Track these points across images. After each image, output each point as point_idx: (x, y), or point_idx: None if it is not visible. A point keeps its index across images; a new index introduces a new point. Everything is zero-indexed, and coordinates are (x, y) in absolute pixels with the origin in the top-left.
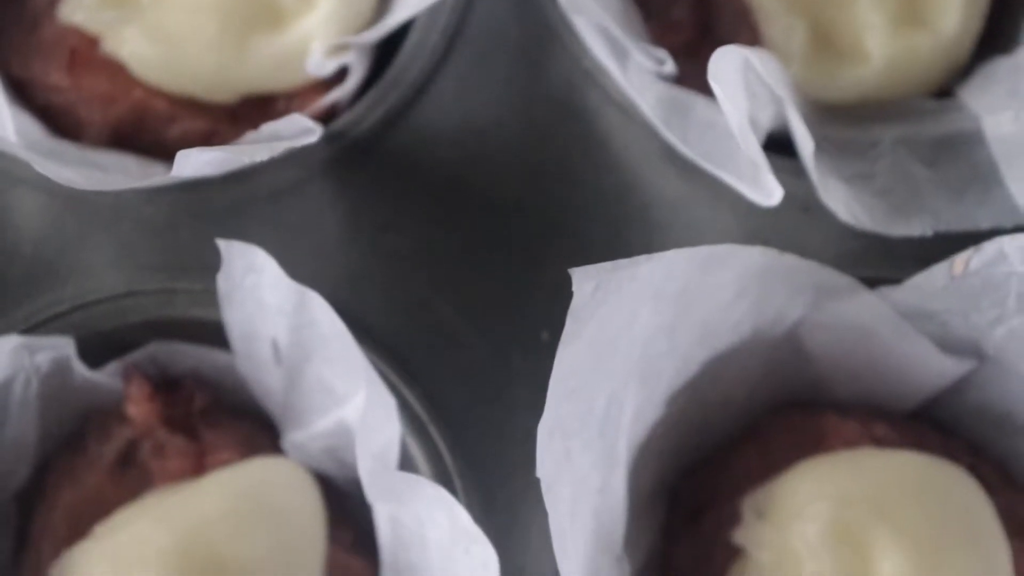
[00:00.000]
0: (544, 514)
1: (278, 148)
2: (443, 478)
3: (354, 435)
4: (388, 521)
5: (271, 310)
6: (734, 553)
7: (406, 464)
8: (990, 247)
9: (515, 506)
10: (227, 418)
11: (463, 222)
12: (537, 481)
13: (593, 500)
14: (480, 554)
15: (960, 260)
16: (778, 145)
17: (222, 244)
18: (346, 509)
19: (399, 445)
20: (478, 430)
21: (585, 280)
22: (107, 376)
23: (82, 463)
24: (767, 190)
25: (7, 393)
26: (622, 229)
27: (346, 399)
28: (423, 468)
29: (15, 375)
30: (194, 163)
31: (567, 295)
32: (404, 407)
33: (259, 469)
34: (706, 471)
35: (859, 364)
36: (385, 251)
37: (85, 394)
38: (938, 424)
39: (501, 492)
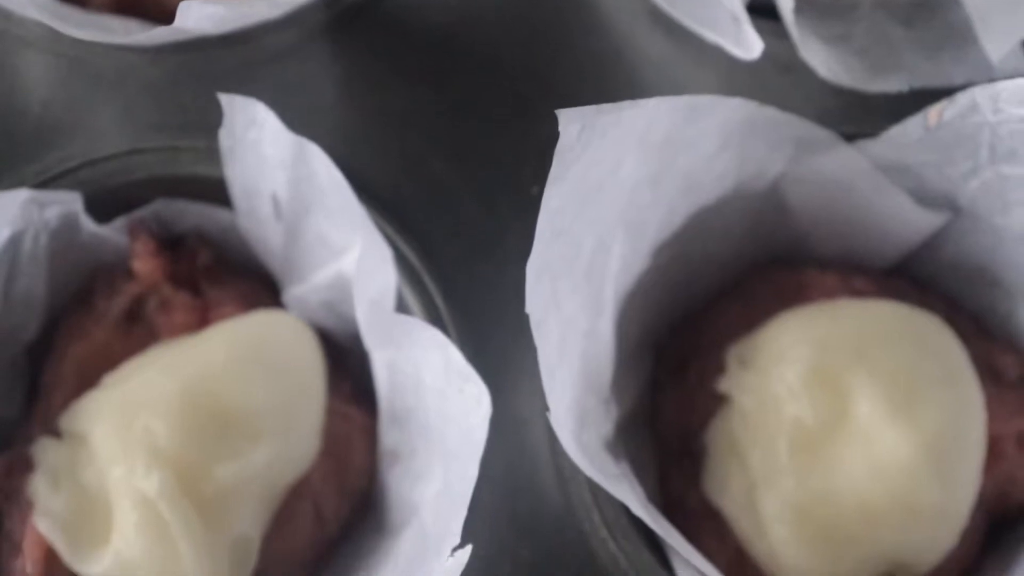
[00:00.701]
0: (534, 361)
1: (278, 7)
2: (437, 326)
3: (352, 287)
4: (385, 367)
5: (271, 163)
6: (718, 401)
7: (402, 313)
8: (963, 97)
9: (506, 353)
10: (229, 275)
11: (456, 82)
12: (527, 329)
13: (580, 342)
14: (473, 393)
15: (934, 111)
16: (761, 9)
17: (224, 98)
18: (345, 363)
19: (395, 293)
20: (471, 281)
21: (571, 122)
22: (113, 232)
23: (90, 318)
24: (747, 44)
25: (17, 247)
26: (610, 89)
27: (344, 251)
28: (418, 317)
29: (25, 229)
30: (196, 16)
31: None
32: (399, 258)
33: (260, 320)
34: (691, 325)
35: (839, 219)
36: (381, 110)
37: (92, 250)
38: (915, 280)
39: (493, 340)
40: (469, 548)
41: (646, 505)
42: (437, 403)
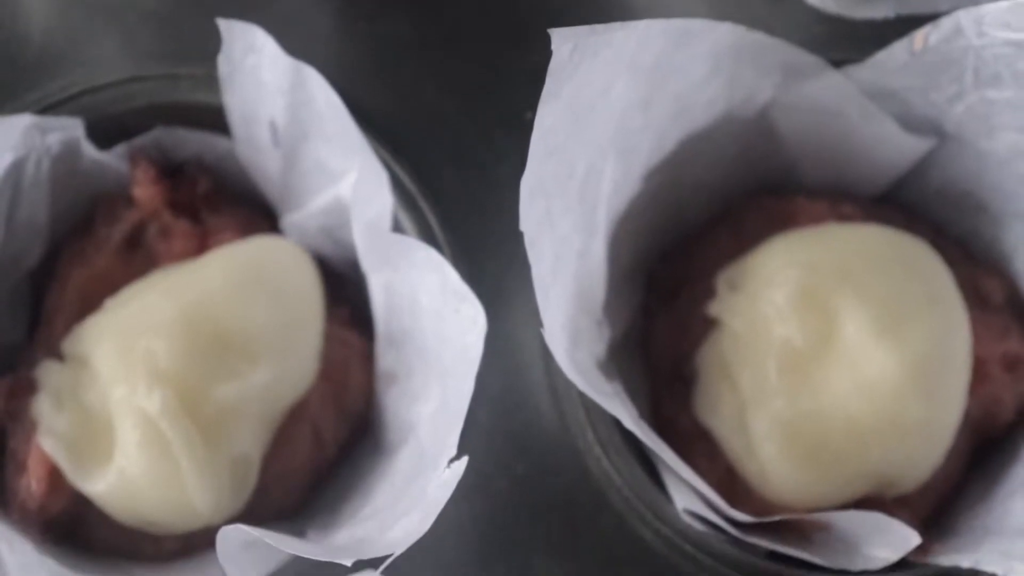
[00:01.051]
0: (529, 284)
1: None
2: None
3: (349, 211)
4: (382, 290)
5: (269, 89)
6: (709, 325)
7: None
8: (947, 21)
9: (502, 276)
10: (228, 204)
11: (451, 10)
12: (522, 253)
13: (573, 262)
14: (469, 312)
15: (919, 36)
16: None
17: (222, 24)
18: (343, 290)
19: (391, 217)
20: (466, 205)
21: (563, 41)
22: (114, 158)
23: (91, 245)
24: None
25: (20, 172)
26: (603, 18)
27: (341, 176)
28: None
29: (27, 155)
30: None
31: None
32: (396, 183)
33: (259, 245)
34: (682, 252)
35: (827, 146)
36: (377, 39)
37: (94, 178)
38: (902, 207)
39: (488, 263)
40: (465, 460)
41: (638, 421)
42: (433, 324)
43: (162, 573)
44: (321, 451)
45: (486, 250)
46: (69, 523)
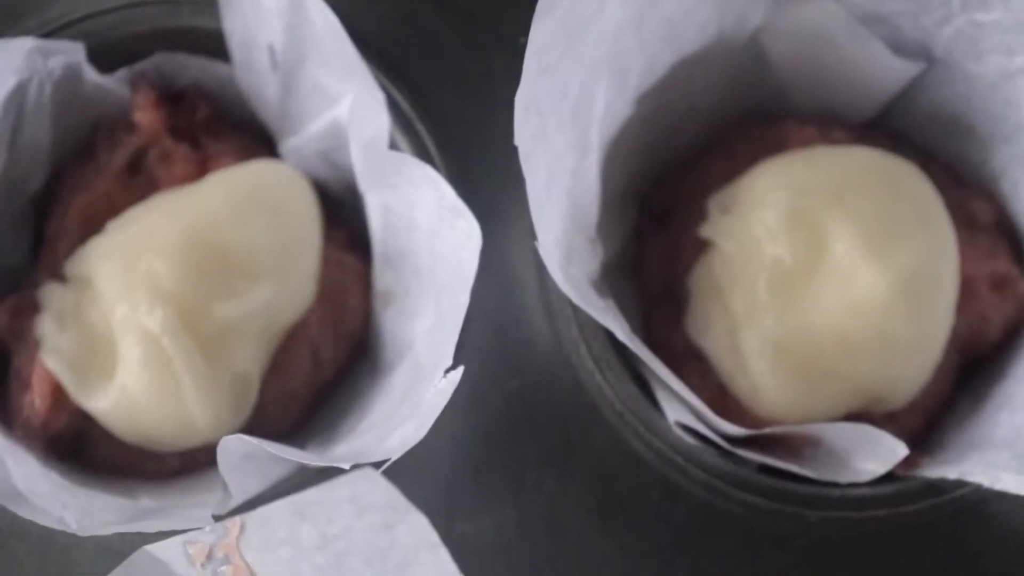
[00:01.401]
0: (524, 204)
1: None
2: None
3: (347, 134)
4: (379, 210)
5: (268, 12)
6: (700, 247)
7: None
8: None
9: (497, 196)
10: (228, 130)
11: None
12: (518, 173)
13: (567, 180)
14: (464, 227)
15: None
16: None
17: None
18: (341, 214)
19: (388, 138)
20: (462, 128)
21: None
22: (115, 83)
23: (93, 170)
24: None
25: (23, 96)
26: None
27: (339, 99)
28: None
29: (30, 78)
30: None
31: None
32: (393, 106)
33: (258, 168)
34: (674, 178)
35: (817, 71)
36: None
37: (95, 102)
38: (891, 133)
39: (484, 184)
40: (461, 369)
41: (631, 335)
42: (429, 241)
43: (163, 491)
44: (319, 371)
45: (482, 171)
46: (72, 440)
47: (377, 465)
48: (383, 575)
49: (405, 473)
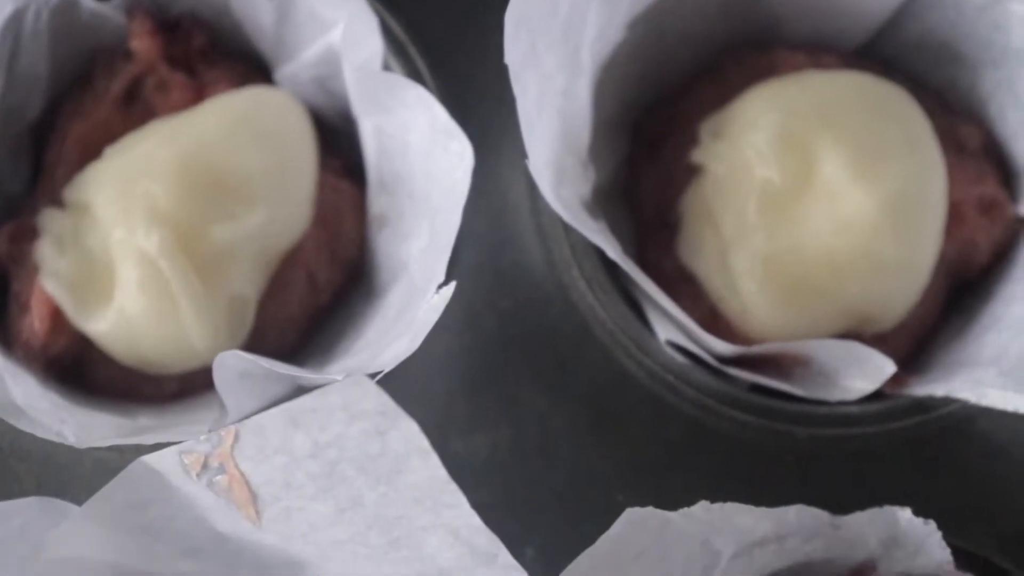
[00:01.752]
0: (517, 128)
1: None
2: None
3: (341, 60)
4: (373, 134)
5: None
6: (692, 172)
7: None
8: None
9: (490, 120)
10: (223, 58)
11: None
12: (510, 98)
13: (558, 100)
14: (457, 148)
15: None
16: None
17: None
18: (336, 142)
19: (382, 62)
20: (454, 52)
21: None
22: (112, 11)
23: (90, 98)
24: None
25: (20, 23)
26: None
27: (333, 25)
28: None
29: (27, 5)
30: None
31: None
32: (386, 32)
33: (253, 94)
34: (665, 105)
35: None
36: None
37: (92, 30)
38: (880, 61)
39: (476, 108)
40: (453, 285)
41: (622, 255)
42: (423, 163)
43: (161, 413)
44: (315, 295)
45: (474, 95)
46: (71, 363)
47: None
48: (375, 482)
49: (399, 393)
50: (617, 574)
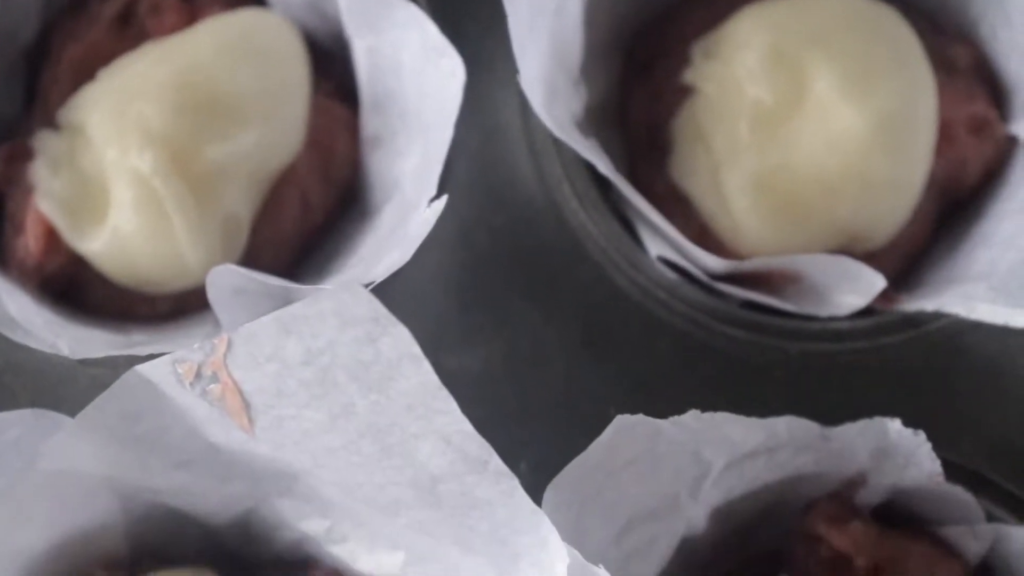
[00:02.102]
0: (509, 48)
1: None
2: None
3: None
4: (366, 54)
5: None
6: (684, 93)
7: None
8: None
9: (481, 40)
10: None
11: None
12: (501, 16)
13: (550, 20)
14: (448, 65)
15: None
16: None
17: None
18: (329, 65)
19: None
20: None
21: None
22: None
23: (84, 22)
24: None
25: None
26: None
27: None
28: None
29: None
30: None
31: None
32: None
33: (246, 15)
34: (657, 28)
35: None
36: None
37: None
38: None
39: (469, 27)
40: (444, 198)
41: (614, 171)
42: (415, 82)
43: (156, 332)
44: (309, 216)
45: (467, 14)
46: (66, 283)
47: None
48: (367, 390)
49: (392, 309)
50: (608, 481)
